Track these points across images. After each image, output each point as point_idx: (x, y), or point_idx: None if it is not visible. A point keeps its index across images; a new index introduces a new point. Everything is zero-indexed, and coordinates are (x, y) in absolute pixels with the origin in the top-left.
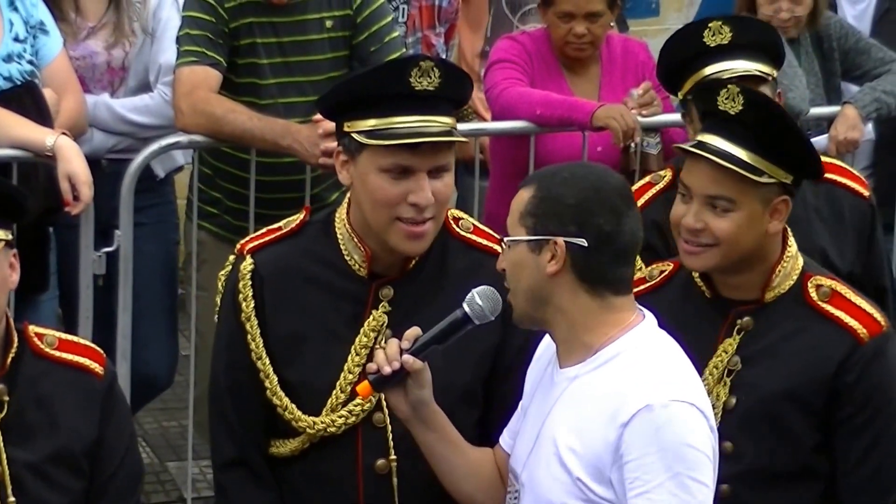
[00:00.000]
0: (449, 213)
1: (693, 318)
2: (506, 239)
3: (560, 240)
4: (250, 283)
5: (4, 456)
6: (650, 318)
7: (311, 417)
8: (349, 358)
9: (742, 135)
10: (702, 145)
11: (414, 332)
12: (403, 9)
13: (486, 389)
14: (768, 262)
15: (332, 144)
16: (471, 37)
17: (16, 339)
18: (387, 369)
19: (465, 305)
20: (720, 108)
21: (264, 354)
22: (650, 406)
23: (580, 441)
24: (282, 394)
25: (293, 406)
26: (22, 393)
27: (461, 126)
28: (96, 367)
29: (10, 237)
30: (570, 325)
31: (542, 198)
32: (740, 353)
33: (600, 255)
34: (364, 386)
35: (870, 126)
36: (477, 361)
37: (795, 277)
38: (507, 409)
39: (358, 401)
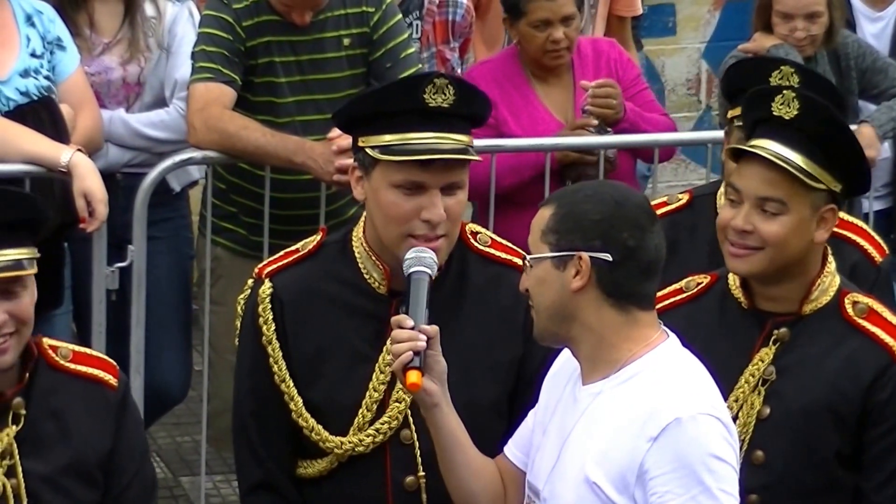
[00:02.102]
0: (466, 227)
1: (730, 329)
2: (528, 257)
3: (585, 254)
4: (270, 306)
5: (20, 468)
6: (673, 338)
7: (338, 438)
8: (373, 376)
9: (795, 139)
10: (754, 147)
11: (401, 317)
12: (417, 24)
13: (510, 400)
14: (808, 275)
15: (347, 161)
16: (486, 54)
17: (35, 355)
18: (421, 343)
19: (412, 268)
20: (775, 112)
21: (288, 377)
22: (679, 419)
23: (606, 455)
24: (307, 415)
25: (319, 427)
26: (37, 405)
27: (477, 142)
28: (110, 379)
29: (37, 255)
30: (594, 342)
31: (564, 214)
32: (776, 364)
33: (625, 270)
34: (414, 375)
35: (886, 144)
36: (501, 375)
37: (833, 293)
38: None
39: (385, 419)
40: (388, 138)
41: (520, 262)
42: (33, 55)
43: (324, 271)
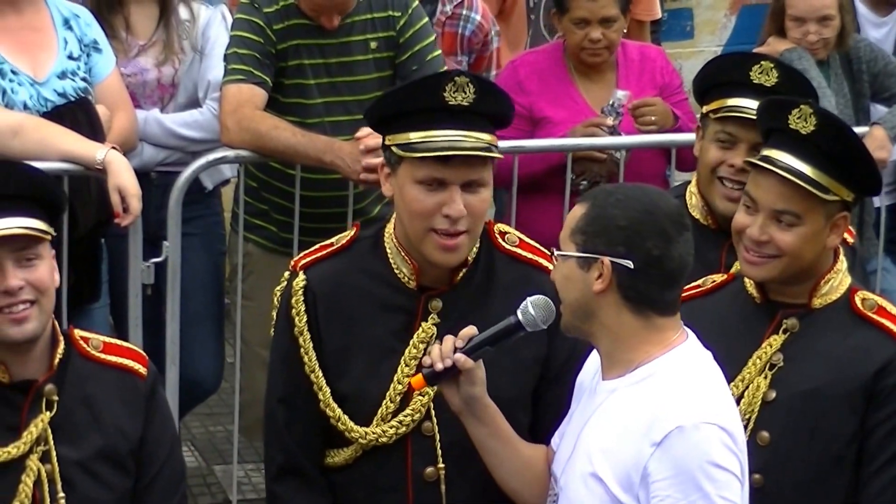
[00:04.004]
0: (495, 227)
1: (741, 319)
2: (556, 253)
3: (607, 260)
4: (303, 298)
5: (55, 454)
6: (692, 339)
7: (362, 428)
8: (399, 369)
9: (809, 152)
10: (769, 160)
11: (469, 331)
12: None
13: (535, 397)
14: (819, 273)
15: (374, 161)
16: (509, 55)
17: (62, 342)
18: (439, 366)
19: (518, 313)
20: (791, 126)
21: (317, 367)
22: (682, 427)
23: (613, 453)
24: (335, 405)
25: (345, 417)
26: (70, 393)
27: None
28: (140, 369)
29: (53, 234)
30: (612, 341)
31: (594, 216)
32: (784, 351)
33: (647, 278)
34: (418, 379)
35: None
36: (523, 372)
37: (843, 291)
38: (555, 416)
39: (408, 411)
40: (411, 136)
41: (546, 263)
42: (70, 57)
43: (356, 265)
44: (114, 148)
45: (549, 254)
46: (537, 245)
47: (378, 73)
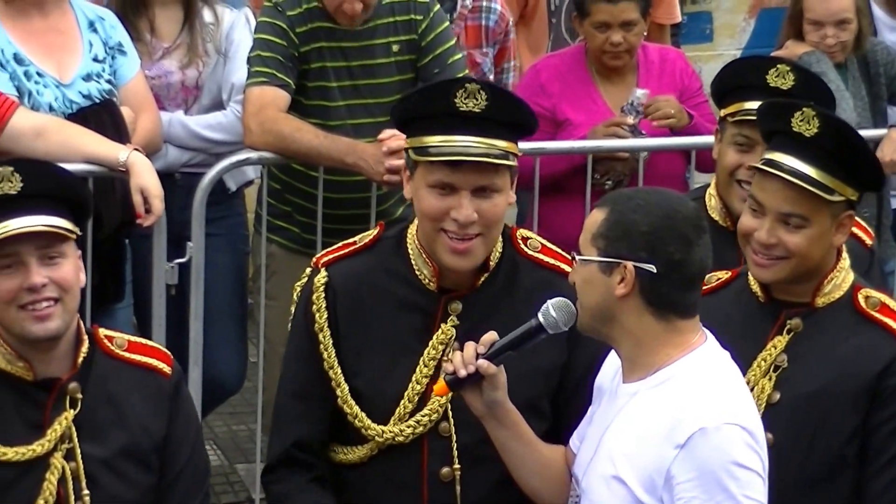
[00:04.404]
0: (518, 232)
1: (745, 318)
2: (577, 257)
3: (630, 264)
4: (324, 294)
5: (79, 451)
6: (711, 340)
7: (380, 426)
8: (417, 369)
9: (813, 154)
10: (774, 164)
11: (490, 336)
12: None
13: (556, 405)
14: (823, 272)
15: (397, 162)
16: (531, 59)
17: (86, 341)
18: (462, 372)
19: (539, 315)
20: (794, 129)
21: (336, 364)
22: (704, 429)
23: (635, 456)
24: (352, 402)
25: (363, 414)
26: (94, 391)
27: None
28: (164, 367)
29: (78, 233)
30: (633, 344)
31: (615, 221)
32: (788, 352)
33: (669, 282)
34: (440, 385)
35: None
36: (541, 378)
37: (846, 288)
38: (577, 423)
39: (426, 411)
40: (426, 140)
41: (568, 268)
42: (95, 60)
43: (378, 264)
44: (136, 149)
45: (571, 259)
46: (559, 251)
47: (400, 76)
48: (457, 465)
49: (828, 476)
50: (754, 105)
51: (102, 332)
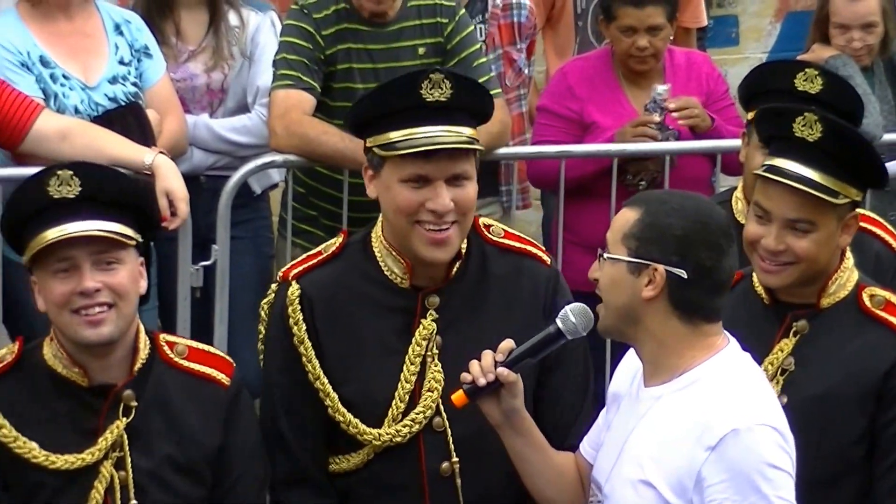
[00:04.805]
0: (480, 220)
1: (751, 321)
2: (605, 255)
3: (661, 268)
4: (300, 307)
5: (129, 461)
6: (734, 343)
7: (375, 430)
8: (404, 367)
9: (815, 158)
10: (777, 170)
11: (508, 344)
12: (482, 28)
13: (537, 388)
14: (828, 273)
15: None
16: (557, 62)
17: (144, 347)
18: (482, 381)
19: (558, 321)
20: (797, 134)
21: (322, 374)
22: (736, 430)
23: (664, 459)
24: (344, 410)
25: (356, 420)
26: (149, 400)
27: (546, 149)
28: (222, 378)
29: (140, 240)
30: (657, 347)
31: (649, 223)
32: (795, 354)
33: (698, 288)
34: (459, 395)
35: None
36: (526, 374)
37: (851, 288)
38: (558, 407)
39: (419, 409)
40: (392, 136)
41: (535, 250)
42: (121, 62)
43: (348, 271)
44: (161, 152)
45: (599, 255)
46: (522, 235)
47: None
48: (455, 459)
49: (834, 478)
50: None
51: (163, 337)
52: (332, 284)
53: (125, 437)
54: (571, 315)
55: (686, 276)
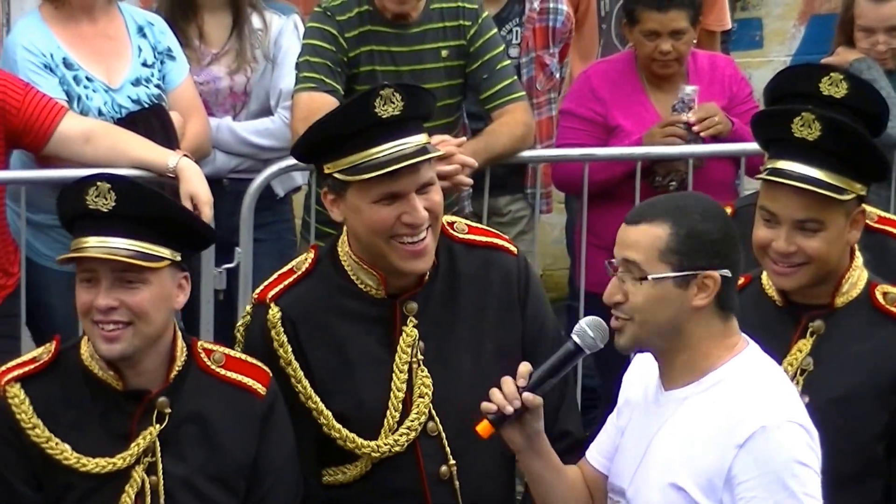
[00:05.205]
0: (444, 219)
1: (766, 323)
2: (650, 276)
3: (715, 274)
4: (282, 329)
5: (161, 466)
6: (754, 344)
7: (372, 442)
8: (394, 377)
9: (817, 156)
10: (781, 172)
11: (526, 368)
12: (517, 31)
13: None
14: (839, 272)
15: (447, 168)
16: (581, 66)
17: (181, 354)
18: (509, 409)
19: (574, 337)
20: (796, 135)
21: (313, 393)
22: (765, 427)
23: (693, 460)
24: (339, 426)
25: (353, 435)
26: (183, 407)
27: (570, 151)
28: (258, 388)
29: (177, 258)
30: (691, 352)
31: (686, 235)
32: (813, 354)
33: (733, 283)
34: (484, 426)
35: None
36: (510, 355)
37: (862, 286)
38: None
39: (413, 416)
40: (351, 159)
41: (500, 242)
42: (144, 65)
43: (324, 287)
44: (186, 155)
45: (614, 267)
46: (486, 227)
47: (448, 81)
48: (452, 462)
49: (858, 476)
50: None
51: (201, 344)
52: (310, 302)
53: (157, 443)
54: (588, 330)
55: (731, 276)
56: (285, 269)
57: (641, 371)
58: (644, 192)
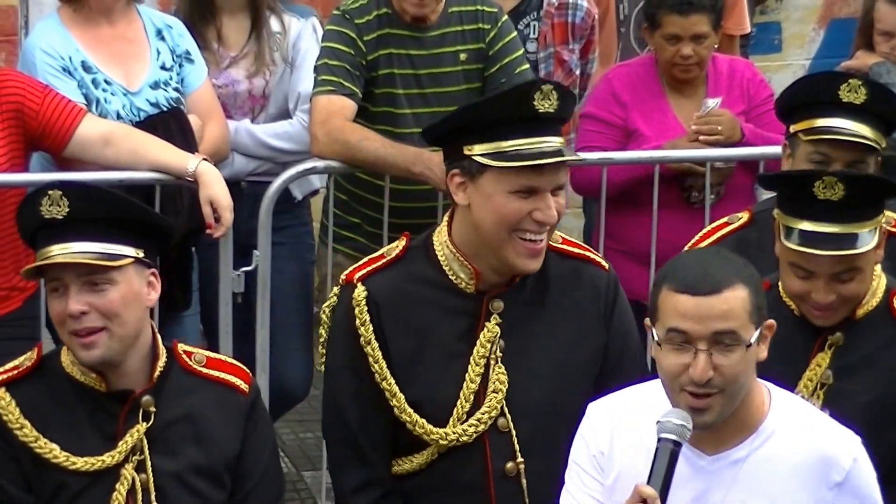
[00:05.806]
0: None
1: (785, 336)
2: (748, 341)
3: (771, 322)
4: (366, 308)
5: (150, 464)
6: (772, 385)
7: (441, 430)
8: (469, 369)
9: (843, 215)
10: (811, 239)
11: (649, 490)
12: (535, 25)
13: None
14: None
15: None
16: (599, 69)
17: (163, 355)
18: None
19: (670, 436)
20: (819, 197)
21: (389, 375)
22: (856, 458)
23: None
24: (410, 410)
25: (423, 420)
26: (169, 406)
27: (588, 155)
28: (241, 385)
29: (140, 255)
30: (744, 408)
31: (756, 289)
32: (832, 367)
33: None
34: None
35: None
36: (591, 364)
37: (881, 295)
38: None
39: (485, 408)
40: (500, 144)
41: (591, 255)
42: (163, 68)
43: (412, 274)
44: (205, 159)
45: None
46: (578, 241)
47: (467, 84)
48: (520, 459)
49: (885, 478)
50: (827, 122)
51: (181, 347)
52: (396, 287)
53: (145, 440)
54: (677, 420)
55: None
56: (375, 254)
57: (605, 424)
58: (668, 199)
